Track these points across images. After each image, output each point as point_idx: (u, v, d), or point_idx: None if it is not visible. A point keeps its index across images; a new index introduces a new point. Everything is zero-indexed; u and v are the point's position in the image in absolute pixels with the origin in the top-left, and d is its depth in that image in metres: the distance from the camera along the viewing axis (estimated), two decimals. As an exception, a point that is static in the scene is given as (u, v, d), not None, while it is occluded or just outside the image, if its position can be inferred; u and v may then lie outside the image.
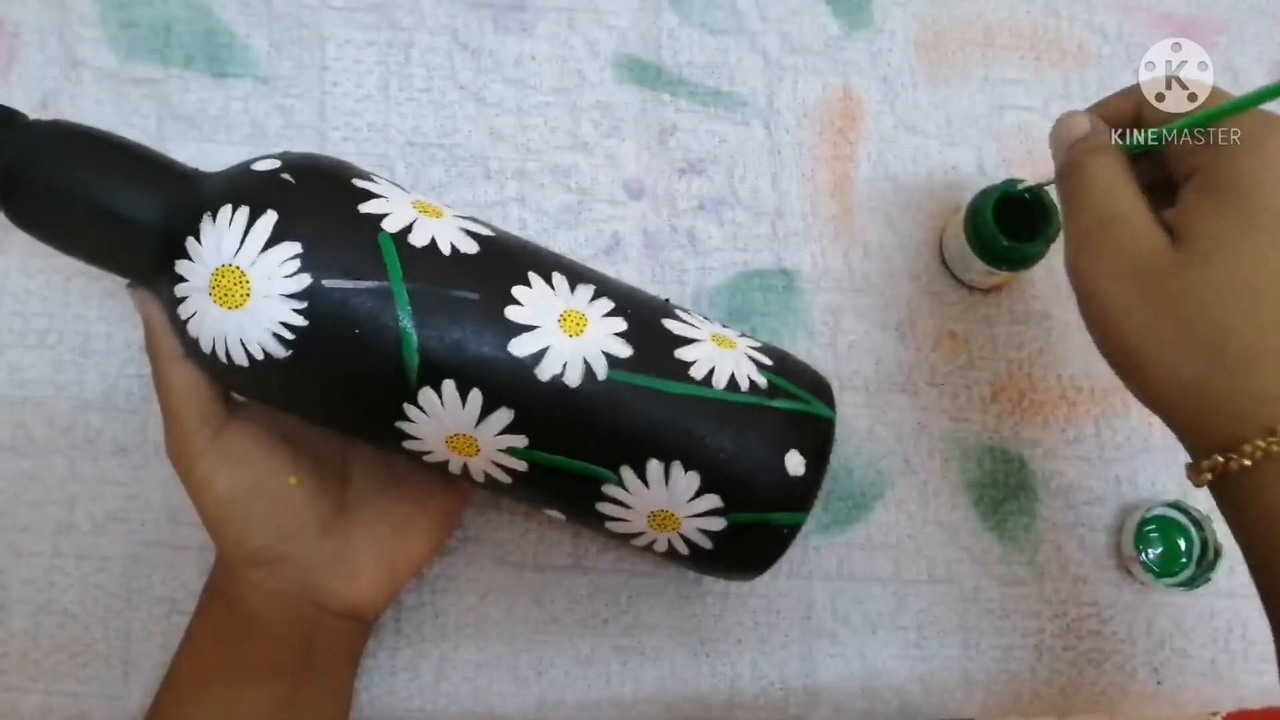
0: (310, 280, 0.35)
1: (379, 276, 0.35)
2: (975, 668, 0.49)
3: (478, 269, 0.37)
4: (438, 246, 0.36)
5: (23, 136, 0.37)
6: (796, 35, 0.55)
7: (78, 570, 0.46)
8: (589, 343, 0.36)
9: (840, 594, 0.49)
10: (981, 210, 0.48)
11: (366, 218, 0.36)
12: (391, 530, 0.43)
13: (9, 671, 0.45)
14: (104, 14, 0.52)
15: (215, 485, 0.39)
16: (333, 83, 0.52)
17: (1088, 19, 0.57)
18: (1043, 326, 0.53)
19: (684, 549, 0.40)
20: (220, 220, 0.35)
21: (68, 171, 0.37)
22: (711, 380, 0.37)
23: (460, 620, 0.47)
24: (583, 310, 0.37)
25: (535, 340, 0.36)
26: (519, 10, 0.54)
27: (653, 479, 0.37)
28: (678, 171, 0.53)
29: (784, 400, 0.38)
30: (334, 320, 0.35)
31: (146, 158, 0.38)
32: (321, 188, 0.37)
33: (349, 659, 0.44)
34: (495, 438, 0.37)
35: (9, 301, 0.49)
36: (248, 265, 0.34)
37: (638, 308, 0.39)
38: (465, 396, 0.36)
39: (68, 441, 0.47)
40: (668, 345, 0.38)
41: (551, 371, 0.36)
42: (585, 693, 0.47)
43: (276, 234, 0.35)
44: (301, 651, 0.41)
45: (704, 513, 0.38)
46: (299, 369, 0.36)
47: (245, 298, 0.35)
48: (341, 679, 0.43)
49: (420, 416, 0.36)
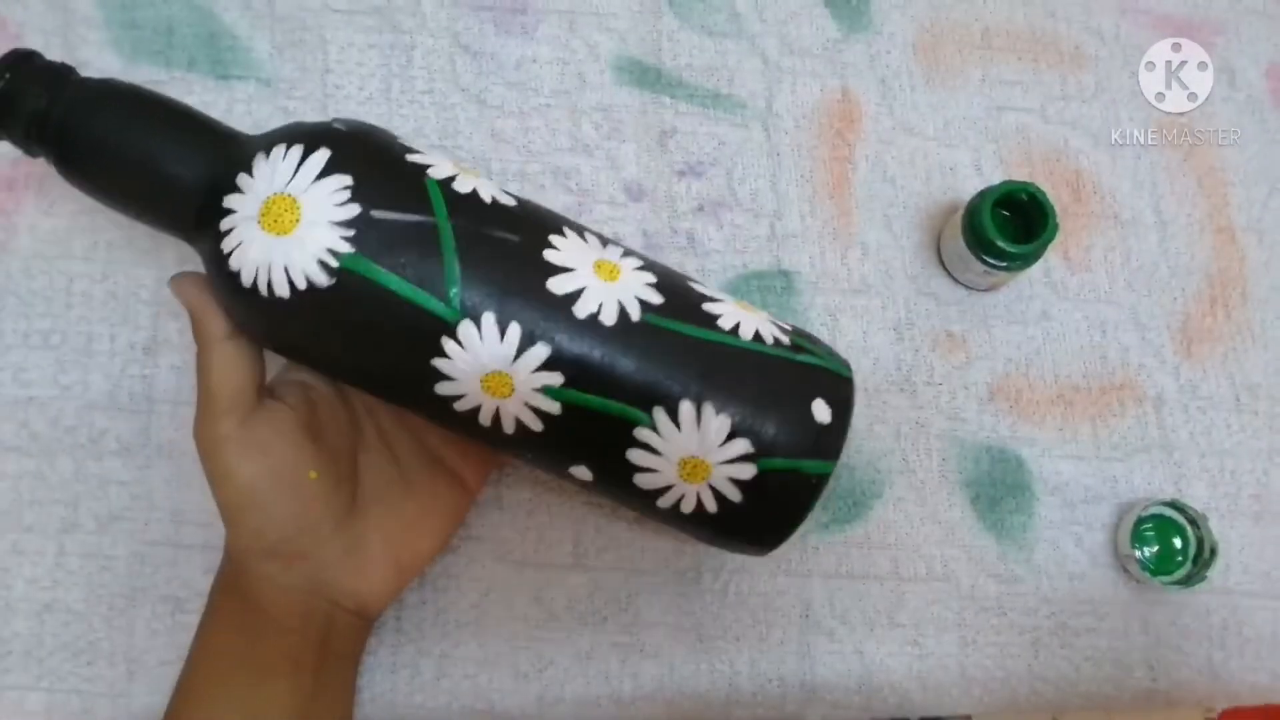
0: (360, 209, 0.36)
1: (426, 212, 0.36)
2: (972, 665, 0.49)
3: (517, 217, 0.39)
4: (479, 195, 0.38)
5: (74, 92, 0.38)
6: (795, 38, 0.56)
7: (82, 569, 0.47)
8: (623, 287, 0.38)
9: (838, 592, 0.49)
10: (979, 211, 0.49)
11: (414, 165, 0.38)
12: (401, 528, 0.43)
13: (13, 670, 0.46)
14: (107, 16, 0.52)
15: (239, 472, 0.39)
16: (335, 85, 0.52)
17: (1085, 21, 0.58)
18: (1040, 326, 0.53)
19: (712, 504, 0.39)
20: (274, 155, 0.37)
21: (119, 124, 0.38)
22: (739, 331, 0.39)
23: (461, 618, 0.47)
24: (615, 261, 0.39)
25: (572, 280, 0.37)
26: (520, 13, 0.54)
27: (685, 421, 0.37)
28: (677, 173, 0.53)
29: (807, 355, 0.40)
30: (380, 249, 0.36)
31: (195, 115, 0.40)
32: (372, 138, 0.39)
33: (356, 655, 0.44)
34: (531, 375, 0.37)
35: (13, 302, 0.49)
36: (300, 193, 0.36)
37: (664, 269, 0.41)
38: (504, 331, 0.36)
39: (72, 441, 0.48)
40: (696, 299, 0.40)
41: (588, 310, 0.37)
42: (584, 689, 0.47)
43: (330, 167, 0.36)
44: (318, 646, 0.41)
45: (735, 459, 0.38)
46: (340, 301, 0.36)
47: (295, 224, 0.36)
48: (350, 675, 0.44)
49: (458, 352, 0.37)
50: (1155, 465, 0.52)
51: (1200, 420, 0.53)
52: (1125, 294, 0.54)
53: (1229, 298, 0.55)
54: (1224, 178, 0.57)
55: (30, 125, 0.38)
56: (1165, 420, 0.53)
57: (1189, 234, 0.55)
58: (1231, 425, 0.53)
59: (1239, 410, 0.53)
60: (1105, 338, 0.54)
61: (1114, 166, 0.56)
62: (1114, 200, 0.56)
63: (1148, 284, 0.55)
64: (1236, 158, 0.57)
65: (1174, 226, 0.56)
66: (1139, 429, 0.53)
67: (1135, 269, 0.55)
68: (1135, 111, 0.57)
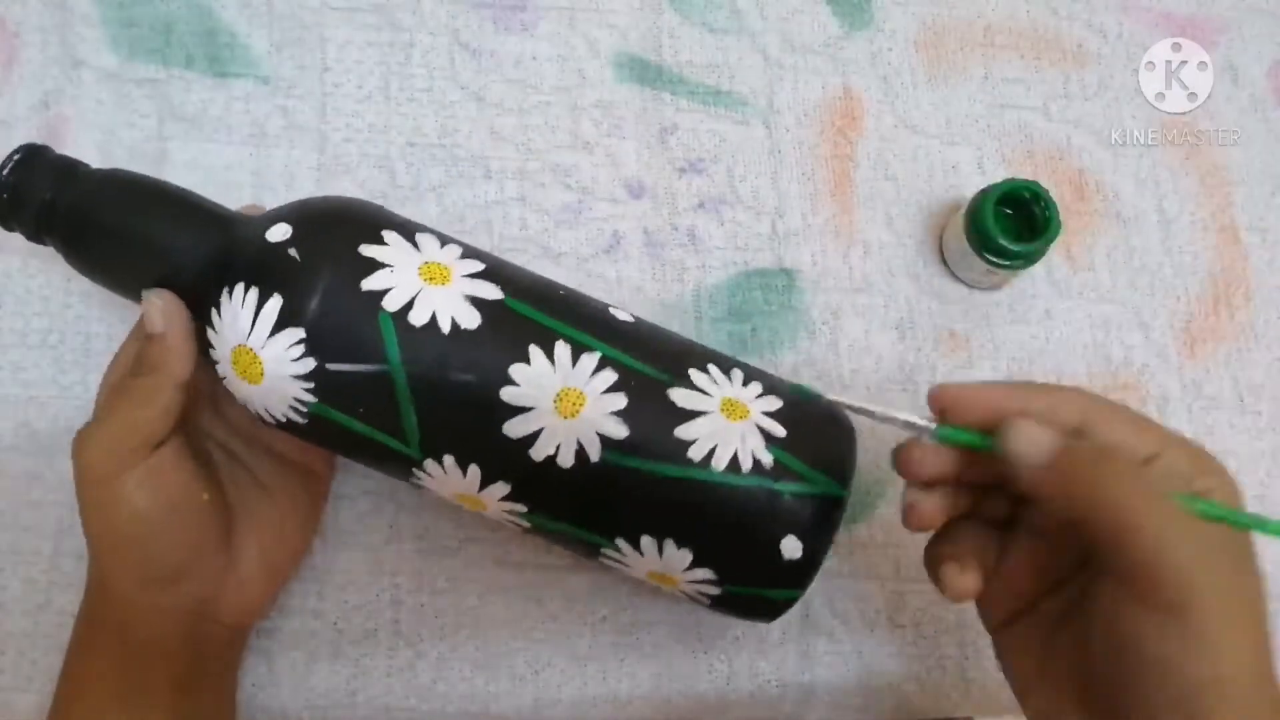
0: (315, 364, 0.36)
1: (379, 360, 0.36)
2: (972, 666, 0.49)
3: (477, 345, 0.37)
4: (438, 324, 0.37)
5: (80, 185, 0.40)
6: (797, 35, 0.55)
7: (77, 570, 0.46)
8: (584, 424, 0.37)
9: (838, 592, 0.49)
10: (982, 209, 0.48)
11: (369, 295, 0.37)
12: (272, 535, 0.43)
13: (5, 670, 0.45)
14: (105, 14, 0.52)
15: (135, 501, 0.37)
16: (334, 83, 0.52)
17: (1088, 18, 0.57)
18: (1043, 326, 0.53)
19: (688, 600, 0.41)
20: (235, 299, 0.37)
21: (120, 218, 0.40)
22: (710, 461, 0.37)
23: (459, 620, 0.47)
24: (581, 388, 0.37)
25: (529, 423, 0.37)
26: (519, 10, 0.54)
27: (646, 551, 0.38)
28: (678, 170, 0.53)
29: (788, 481, 0.37)
30: (340, 399, 0.37)
31: (195, 204, 0.41)
32: (327, 264, 0.37)
33: (234, 669, 0.44)
34: (498, 502, 0.39)
35: (11, 302, 0.49)
36: (259, 348, 0.36)
37: (643, 378, 0.38)
38: (465, 469, 0.38)
39: (71, 441, 0.47)
40: (668, 422, 0.37)
41: (545, 453, 0.37)
42: (581, 690, 0.47)
43: (282, 320, 0.36)
44: (197, 666, 0.40)
45: (699, 581, 0.39)
46: (319, 432, 0.39)
47: (260, 376, 0.37)
48: (230, 687, 0.44)
49: (428, 479, 0.39)
50: (1158, 465, 0.52)
51: (1203, 420, 0.53)
52: (1128, 293, 0.54)
53: (1232, 297, 0.55)
54: (1227, 176, 0.56)
55: (38, 218, 0.40)
56: (1168, 420, 0.53)
57: (1192, 233, 0.55)
58: (1235, 425, 0.53)
59: (1242, 410, 0.53)
60: (1108, 337, 0.53)
61: (1116, 165, 0.56)
62: (1117, 199, 0.55)
63: (1151, 283, 0.54)
64: (1240, 156, 0.57)
65: (1177, 225, 0.55)
66: (1142, 429, 0.52)
67: (1138, 268, 0.54)
68: (1138, 110, 0.57)
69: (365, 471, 0.48)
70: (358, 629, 0.47)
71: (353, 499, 0.48)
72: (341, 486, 0.48)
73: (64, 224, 0.40)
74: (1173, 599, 0.30)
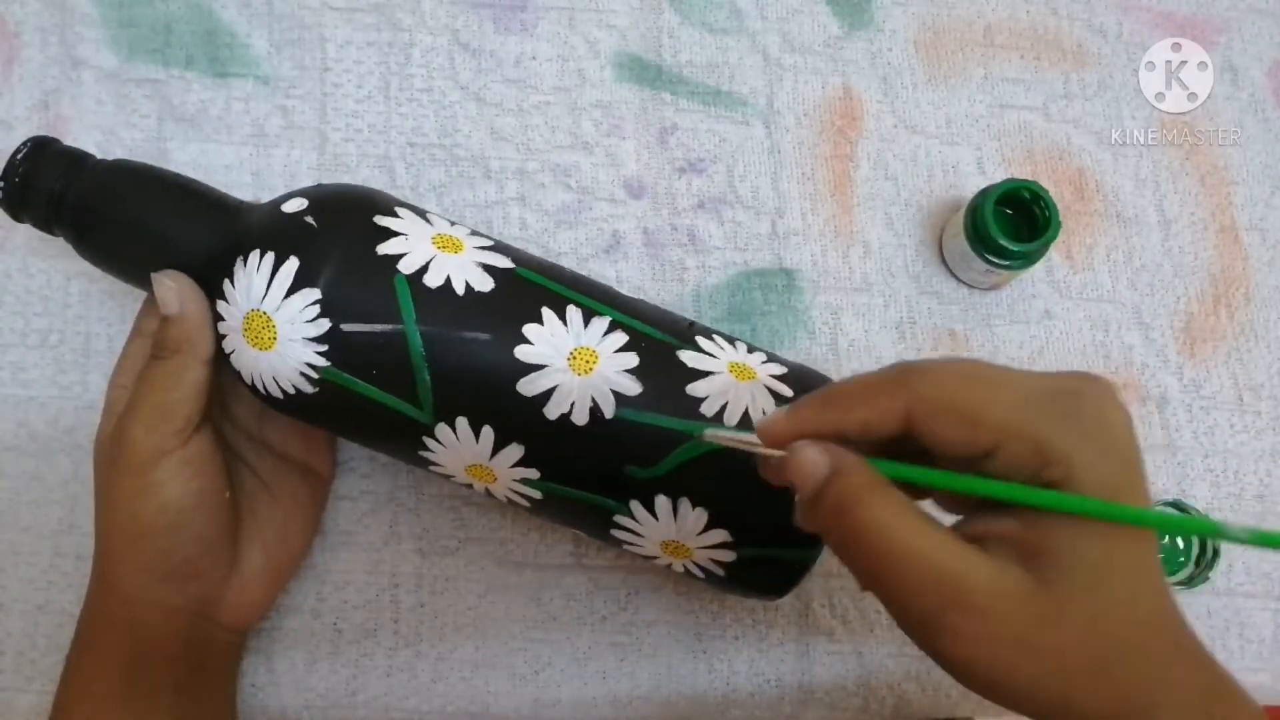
0: (330, 325, 0.36)
1: (394, 320, 0.36)
2: (973, 667, 0.49)
3: (491, 307, 0.37)
4: (452, 286, 0.37)
5: (88, 175, 0.40)
6: (796, 35, 0.55)
7: (77, 571, 0.47)
8: (597, 380, 0.37)
9: (838, 592, 0.49)
10: (981, 209, 0.48)
11: (384, 259, 0.37)
12: (276, 535, 0.43)
13: (5, 671, 0.45)
14: (104, 14, 0.52)
15: (168, 489, 0.38)
16: (333, 83, 0.52)
17: (1088, 18, 0.57)
18: (1043, 326, 0.53)
19: (699, 573, 0.40)
20: (250, 265, 0.37)
21: (128, 206, 0.40)
22: (723, 417, 0.37)
23: (459, 620, 0.47)
24: (594, 347, 0.37)
25: (543, 380, 0.37)
26: (519, 10, 0.54)
27: (661, 513, 0.38)
28: (678, 170, 0.53)
29: None
30: (353, 362, 0.37)
31: (202, 193, 0.41)
32: (343, 230, 0.38)
33: (234, 672, 0.44)
34: (509, 469, 0.38)
35: (10, 302, 0.49)
36: (273, 310, 0.36)
37: (653, 340, 0.39)
38: (478, 433, 0.37)
39: (70, 441, 0.48)
40: (680, 380, 0.38)
41: (559, 410, 0.37)
42: (581, 690, 0.47)
43: (298, 281, 0.36)
44: (198, 669, 0.40)
45: (714, 545, 0.38)
46: (326, 403, 0.38)
47: (273, 340, 0.37)
48: (230, 690, 0.44)
49: (438, 448, 0.38)
50: (1158, 465, 0.52)
51: (1203, 420, 0.53)
52: (1128, 293, 0.54)
53: (1232, 297, 0.55)
54: (1227, 176, 0.56)
55: (48, 208, 0.40)
56: (1168, 420, 0.53)
57: (1192, 233, 0.55)
58: (1235, 425, 0.53)
59: (1242, 410, 0.53)
60: (1108, 337, 0.53)
61: (1116, 165, 0.56)
62: (1117, 199, 0.55)
63: (1150, 283, 0.54)
64: (1239, 156, 0.57)
65: (1177, 225, 0.55)
66: (1142, 429, 0.52)
67: (1138, 268, 0.54)
68: (1138, 110, 0.57)
69: (365, 471, 0.48)
70: (357, 629, 0.47)
71: (353, 499, 0.48)
72: (341, 486, 0.48)
73: (73, 213, 0.40)
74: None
